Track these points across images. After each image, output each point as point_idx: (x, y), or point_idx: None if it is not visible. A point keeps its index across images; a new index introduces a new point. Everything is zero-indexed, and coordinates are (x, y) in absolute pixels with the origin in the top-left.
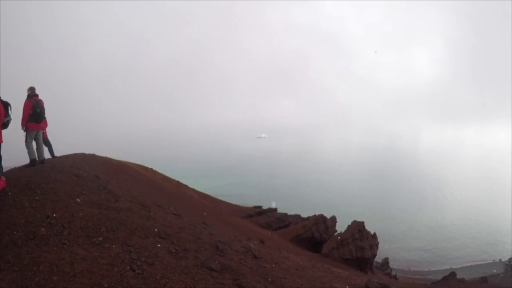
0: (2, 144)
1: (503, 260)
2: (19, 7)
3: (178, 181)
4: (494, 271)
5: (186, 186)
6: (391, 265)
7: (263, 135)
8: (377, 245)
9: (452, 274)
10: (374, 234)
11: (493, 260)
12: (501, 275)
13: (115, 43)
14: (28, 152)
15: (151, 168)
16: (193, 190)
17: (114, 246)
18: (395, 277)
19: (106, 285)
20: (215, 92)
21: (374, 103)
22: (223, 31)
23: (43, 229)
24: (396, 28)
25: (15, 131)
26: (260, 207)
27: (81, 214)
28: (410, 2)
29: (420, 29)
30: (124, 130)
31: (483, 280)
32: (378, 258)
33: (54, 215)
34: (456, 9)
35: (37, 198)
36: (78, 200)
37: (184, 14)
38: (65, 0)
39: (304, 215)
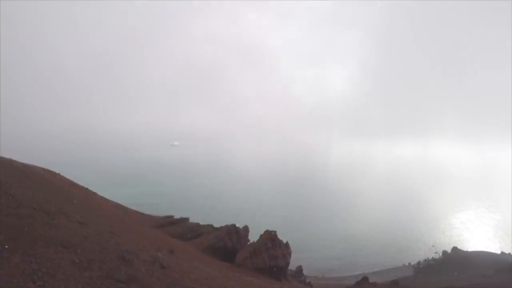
0: None
1: (412, 264)
2: None
3: (86, 188)
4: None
5: (95, 194)
6: (305, 273)
7: (176, 142)
8: (290, 253)
9: (365, 278)
10: (287, 243)
11: (403, 265)
12: (411, 277)
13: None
14: None
15: (58, 173)
16: (102, 198)
17: (13, 255)
18: (309, 284)
19: None
20: (128, 94)
21: (289, 116)
22: (141, 32)
23: None
24: (314, 46)
25: None
26: (171, 216)
27: None
28: (328, 24)
29: (336, 49)
30: (33, 129)
31: (395, 282)
32: (292, 267)
33: None
34: (368, 33)
35: None
36: None
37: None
38: None
39: (217, 225)
